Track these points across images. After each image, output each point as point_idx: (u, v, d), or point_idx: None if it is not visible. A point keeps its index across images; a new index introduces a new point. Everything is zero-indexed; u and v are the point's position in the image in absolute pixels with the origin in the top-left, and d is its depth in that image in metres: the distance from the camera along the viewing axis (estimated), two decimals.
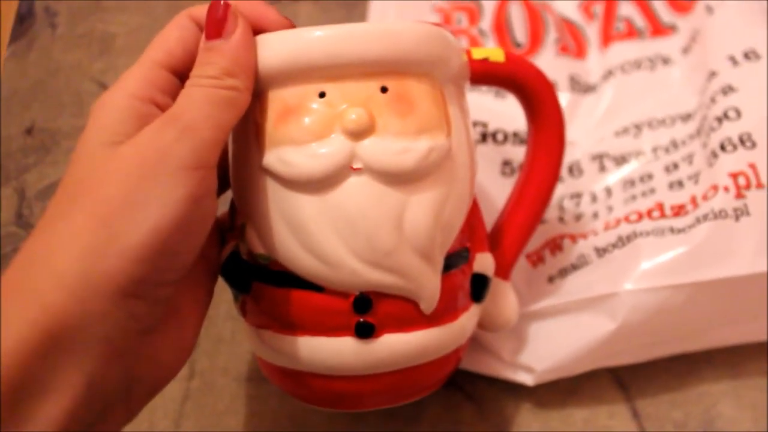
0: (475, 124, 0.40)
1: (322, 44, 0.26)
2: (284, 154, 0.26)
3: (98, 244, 0.22)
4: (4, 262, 0.43)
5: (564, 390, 0.36)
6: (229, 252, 0.29)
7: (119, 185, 0.23)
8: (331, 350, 0.28)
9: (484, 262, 0.31)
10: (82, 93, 0.49)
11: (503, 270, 0.33)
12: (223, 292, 0.30)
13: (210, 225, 0.25)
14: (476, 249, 0.31)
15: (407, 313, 0.28)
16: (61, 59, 0.50)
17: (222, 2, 0.26)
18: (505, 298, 0.33)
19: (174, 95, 0.26)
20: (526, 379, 0.35)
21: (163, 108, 0.26)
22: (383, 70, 0.26)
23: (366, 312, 0.27)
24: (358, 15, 0.48)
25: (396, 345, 0.28)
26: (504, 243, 0.33)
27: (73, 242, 0.22)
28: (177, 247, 0.23)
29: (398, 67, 0.27)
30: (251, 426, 0.37)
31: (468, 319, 0.30)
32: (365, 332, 0.27)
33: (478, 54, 0.30)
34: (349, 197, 0.26)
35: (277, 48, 0.26)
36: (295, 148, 0.26)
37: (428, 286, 0.27)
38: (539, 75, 0.32)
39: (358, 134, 0.26)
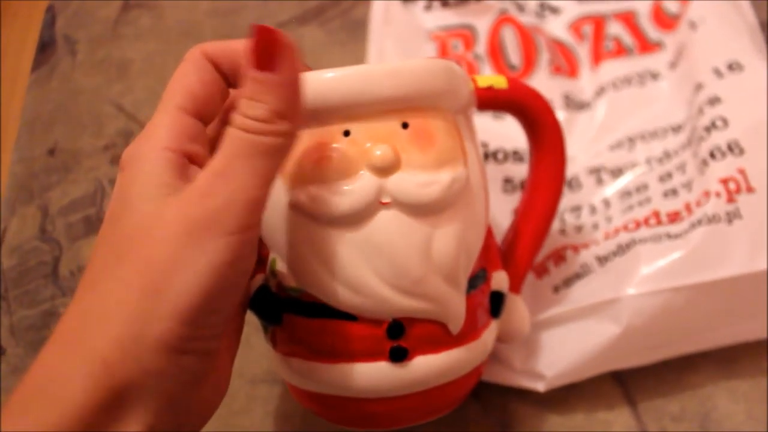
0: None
1: (342, 85, 0.26)
2: (315, 193, 0.25)
3: (148, 308, 0.21)
4: (27, 276, 0.43)
5: (565, 385, 0.35)
6: (257, 285, 0.29)
7: (166, 249, 0.22)
8: (366, 375, 0.27)
9: (499, 280, 0.31)
10: (101, 115, 0.49)
11: (514, 284, 0.33)
12: None
13: (249, 278, 0.24)
14: (492, 268, 0.31)
15: (437, 335, 0.27)
16: (81, 84, 0.50)
17: (269, 27, 0.23)
18: (518, 310, 0.33)
19: (200, 141, 0.25)
20: (538, 385, 0.35)
21: (191, 156, 0.24)
22: (402, 106, 0.26)
23: (399, 337, 0.27)
24: (360, 37, 0.48)
25: (428, 366, 0.27)
26: (514, 259, 0.33)
27: (125, 306, 0.21)
28: (221, 304, 0.23)
29: (416, 102, 0.26)
30: (264, 426, 0.37)
31: (489, 335, 0.30)
32: (399, 356, 0.27)
33: (483, 82, 0.30)
34: (380, 231, 0.26)
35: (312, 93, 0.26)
36: (324, 186, 0.25)
37: (455, 308, 0.27)
38: (539, 99, 0.32)
39: (384, 170, 0.25)
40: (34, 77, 0.51)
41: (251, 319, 0.31)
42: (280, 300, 0.28)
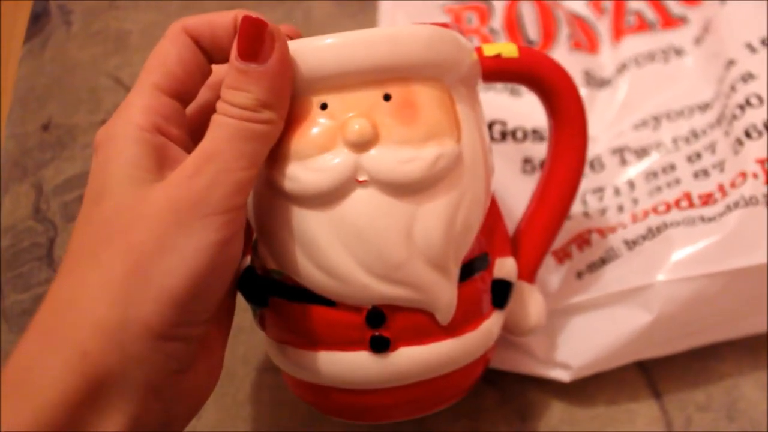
0: (493, 123, 0.38)
1: (321, 55, 0.24)
2: (288, 169, 0.24)
3: (132, 291, 0.21)
4: (21, 258, 0.42)
5: (591, 375, 0.34)
6: (244, 267, 0.27)
7: (151, 231, 0.21)
8: (348, 364, 0.26)
9: (505, 267, 0.29)
10: (98, 89, 0.47)
11: (528, 273, 0.31)
12: None
13: (238, 262, 0.24)
14: (496, 253, 0.29)
15: (423, 325, 0.26)
16: (77, 56, 0.48)
17: (257, 18, 0.23)
18: (532, 301, 0.30)
19: (177, 121, 0.24)
20: (563, 375, 0.33)
21: (168, 136, 0.24)
22: (386, 77, 0.24)
23: (380, 326, 0.25)
24: (370, 8, 0.46)
25: (413, 358, 0.26)
26: (528, 245, 0.31)
27: (107, 289, 0.21)
28: (208, 288, 0.22)
29: (402, 72, 0.24)
30: (271, 415, 0.35)
31: (490, 327, 0.28)
32: (380, 346, 0.25)
33: (489, 51, 0.28)
34: (356, 211, 0.24)
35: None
36: (298, 162, 0.24)
37: (443, 296, 0.25)
38: (556, 67, 0.29)
39: (361, 146, 0.24)
40: (26, 49, 0.49)
41: None
42: (265, 282, 0.27)
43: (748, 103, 0.34)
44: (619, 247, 0.34)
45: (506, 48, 0.28)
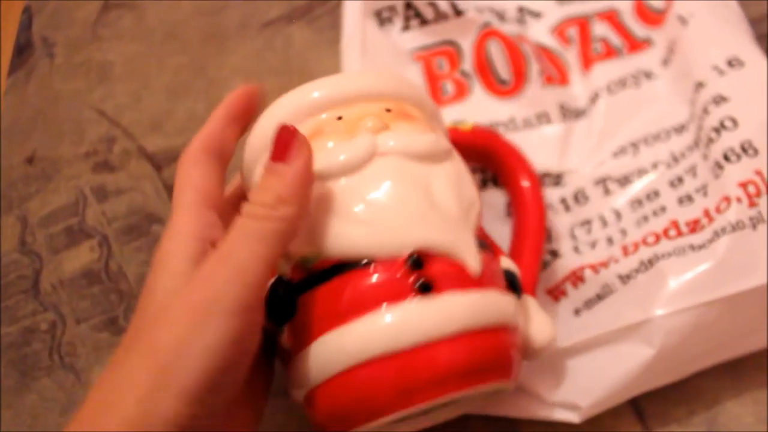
0: (474, 170, 0.35)
1: (342, 84, 0.28)
2: (316, 157, 0.25)
3: (154, 389, 0.21)
4: (6, 291, 0.38)
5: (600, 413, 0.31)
6: (271, 283, 0.26)
7: (172, 332, 0.22)
8: (396, 318, 0.24)
9: (508, 263, 0.29)
10: (82, 121, 0.43)
11: (526, 284, 0.30)
12: None
13: (253, 356, 0.23)
14: (497, 253, 0.29)
15: (458, 272, 0.25)
16: (61, 88, 0.45)
17: (290, 127, 0.25)
18: (536, 313, 0.29)
19: (217, 231, 0.25)
20: (572, 417, 0.30)
21: (214, 240, 0.24)
22: (384, 98, 0.28)
23: (421, 267, 0.24)
24: None
25: (456, 302, 0.24)
26: (523, 262, 0.31)
27: (133, 388, 0.21)
28: (225, 382, 0.22)
29: (397, 96, 0.28)
30: None
31: (512, 302, 0.27)
32: (425, 288, 0.24)
33: (453, 124, 0.31)
34: (381, 171, 0.25)
35: (302, 97, 0.27)
36: (325, 149, 0.26)
37: (468, 245, 0.25)
38: (504, 143, 0.32)
39: (376, 129, 0.26)
40: (10, 82, 0.45)
41: None
42: (294, 286, 0.26)
43: (722, 125, 0.31)
44: (613, 282, 0.31)
45: (463, 124, 0.32)
